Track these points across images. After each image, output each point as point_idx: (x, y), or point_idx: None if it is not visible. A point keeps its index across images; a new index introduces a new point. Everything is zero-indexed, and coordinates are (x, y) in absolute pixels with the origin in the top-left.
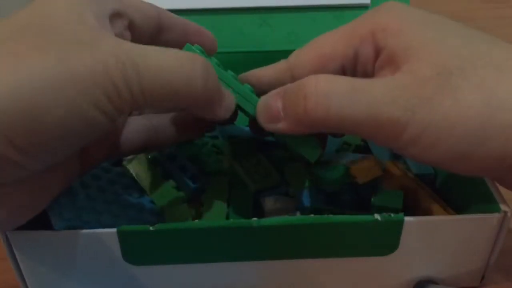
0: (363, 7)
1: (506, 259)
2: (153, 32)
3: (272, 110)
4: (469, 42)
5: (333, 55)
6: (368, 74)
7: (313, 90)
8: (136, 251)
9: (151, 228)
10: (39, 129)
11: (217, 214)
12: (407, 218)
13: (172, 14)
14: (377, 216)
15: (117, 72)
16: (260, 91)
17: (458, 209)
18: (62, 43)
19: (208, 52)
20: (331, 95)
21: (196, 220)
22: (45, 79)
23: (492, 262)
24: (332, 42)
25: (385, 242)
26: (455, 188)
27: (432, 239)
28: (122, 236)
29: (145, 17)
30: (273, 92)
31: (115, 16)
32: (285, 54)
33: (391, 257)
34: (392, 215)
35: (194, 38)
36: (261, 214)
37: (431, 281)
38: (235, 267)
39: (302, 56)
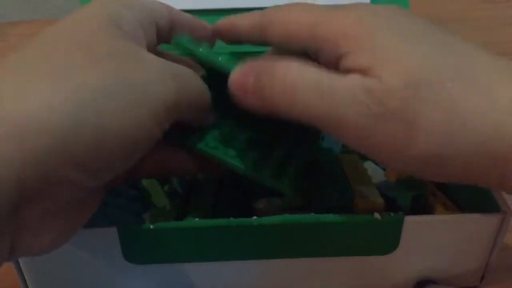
0: None
1: (506, 258)
2: (166, 30)
3: (243, 81)
4: (441, 51)
5: (297, 39)
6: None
7: (282, 79)
8: (137, 250)
9: (151, 226)
10: (104, 146)
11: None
12: (407, 217)
13: (180, 11)
14: (377, 215)
15: (175, 83)
16: (234, 39)
17: (458, 209)
18: (110, 56)
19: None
20: (298, 89)
21: (197, 219)
22: (105, 92)
23: (492, 262)
24: (298, 25)
25: (385, 241)
26: (456, 188)
27: (432, 238)
28: (123, 235)
29: (162, 17)
30: (249, 64)
31: (146, 21)
32: None
33: (391, 257)
34: (392, 214)
35: (199, 33)
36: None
37: (431, 280)
38: (235, 266)
39: (274, 26)
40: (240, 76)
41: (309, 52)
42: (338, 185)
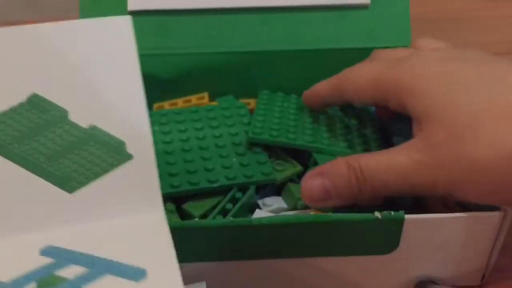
0: (363, 7)
1: (507, 258)
2: None
3: (317, 192)
4: (482, 93)
5: (366, 93)
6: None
7: (360, 176)
8: None
9: None
10: None
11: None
12: (407, 216)
13: None
14: (377, 214)
15: None
16: (319, 103)
17: (459, 208)
18: None
19: None
20: (376, 177)
21: (196, 219)
22: None
23: (493, 261)
24: (366, 81)
25: (385, 240)
26: None
27: (433, 237)
28: None
29: None
30: (313, 173)
31: None
32: (285, 54)
33: (391, 256)
34: (393, 213)
35: None
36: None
37: (431, 280)
38: (234, 266)
39: (347, 85)
40: (310, 188)
41: (379, 103)
42: None
